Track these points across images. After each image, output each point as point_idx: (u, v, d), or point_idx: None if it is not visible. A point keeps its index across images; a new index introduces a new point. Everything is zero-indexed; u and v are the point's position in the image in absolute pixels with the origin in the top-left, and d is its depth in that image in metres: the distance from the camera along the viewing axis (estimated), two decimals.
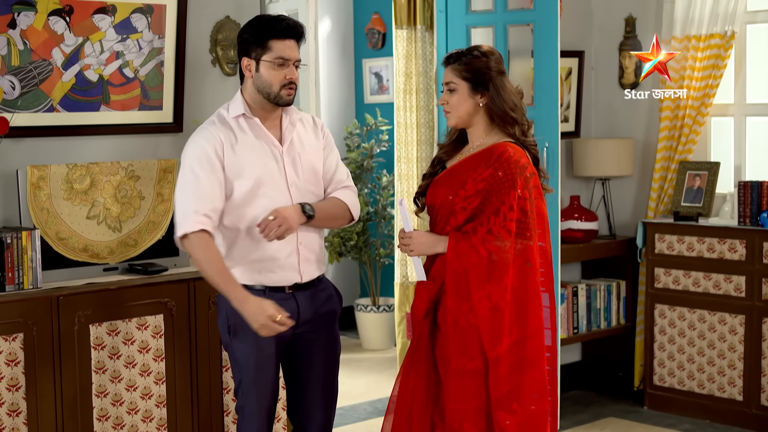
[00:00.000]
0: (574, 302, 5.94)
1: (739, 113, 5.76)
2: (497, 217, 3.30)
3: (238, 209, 3.45)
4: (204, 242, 3.35)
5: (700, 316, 5.58)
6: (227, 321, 3.50)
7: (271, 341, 3.46)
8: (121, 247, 4.26)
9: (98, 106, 4.35)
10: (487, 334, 3.30)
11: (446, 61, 3.47)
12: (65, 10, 4.19)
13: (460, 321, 3.33)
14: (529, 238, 3.33)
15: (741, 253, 5.37)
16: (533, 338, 3.34)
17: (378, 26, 7.60)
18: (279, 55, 3.40)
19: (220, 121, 3.48)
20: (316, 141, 3.61)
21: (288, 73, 3.41)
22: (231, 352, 3.55)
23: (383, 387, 6.25)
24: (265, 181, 3.44)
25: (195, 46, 4.65)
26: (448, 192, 3.41)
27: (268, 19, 3.45)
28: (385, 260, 7.22)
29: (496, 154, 3.35)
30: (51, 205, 4.07)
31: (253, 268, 3.47)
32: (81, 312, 3.89)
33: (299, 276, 3.52)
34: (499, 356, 3.29)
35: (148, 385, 4.07)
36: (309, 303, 3.55)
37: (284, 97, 3.45)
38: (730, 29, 5.54)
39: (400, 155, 6.06)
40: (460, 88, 3.42)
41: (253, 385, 3.50)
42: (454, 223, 3.40)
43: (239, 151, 3.44)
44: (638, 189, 6.20)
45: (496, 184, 3.32)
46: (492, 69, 3.41)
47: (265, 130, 3.48)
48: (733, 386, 5.46)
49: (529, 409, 3.33)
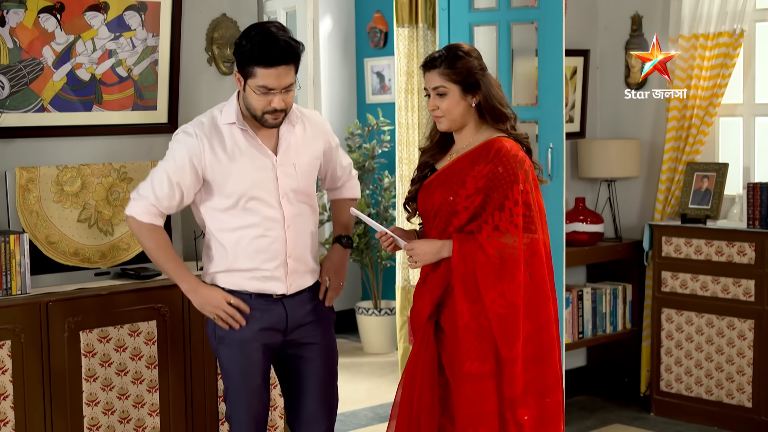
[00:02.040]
0: (579, 306, 5.90)
1: (748, 113, 5.71)
2: (503, 213, 3.26)
3: (219, 220, 3.40)
4: (150, 231, 3.39)
5: (708, 320, 5.52)
6: (214, 326, 3.44)
7: (258, 347, 3.41)
8: (113, 251, 4.19)
9: (90, 106, 4.29)
10: (504, 334, 3.26)
11: (429, 66, 3.39)
12: (56, 7, 4.13)
13: (471, 324, 3.27)
14: (534, 231, 3.31)
15: (750, 256, 5.32)
16: (545, 331, 3.33)
17: (380, 25, 7.57)
18: (263, 83, 3.24)
19: (210, 124, 3.38)
20: (315, 142, 3.51)
21: (273, 101, 3.27)
22: (219, 358, 3.50)
23: (384, 392, 6.20)
24: (253, 196, 3.36)
25: (190, 44, 4.60)
26: (447, 193, 3.35)
27: (258, 41, 3.21)
28: (386, 263, 7.18)
29: (494, 150, 3.31)
30: (40, 207, 4.00)
31: (240, 276, 3.41)
32: (71, 318, 3.82)
33: (285, 288, 3.45)
34: (517, 355, 3.27)
35: (140, 393, 3.99)
36: (298, 309, 3.47)
37: (269, 121, 3.32)
38: (738, 27, 5.49)
39: (402, 156, 6.02)
40: (451, 92, 3.36)
41: (240, 391, 3.44)
42: (457, 224, 3.34)
43: (225, 162, 3.35)
44: (645, 191, 6.16)
45: (496, 180, 3.28)
46: (480, 67, 3.38)
47: (257, 140, 3.37)
48: (742, 392, 5.41)
49: (543, 402, 3.33)
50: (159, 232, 3.40)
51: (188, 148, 3.35)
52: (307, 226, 3.48)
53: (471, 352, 3.27)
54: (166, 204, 3.38)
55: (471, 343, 3.27)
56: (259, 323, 3.40)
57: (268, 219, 3.37)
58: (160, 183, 3.36)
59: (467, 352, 3.27)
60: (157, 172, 3.39)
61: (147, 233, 3.39)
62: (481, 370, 3.27)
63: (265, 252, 3.38)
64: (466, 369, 3.28)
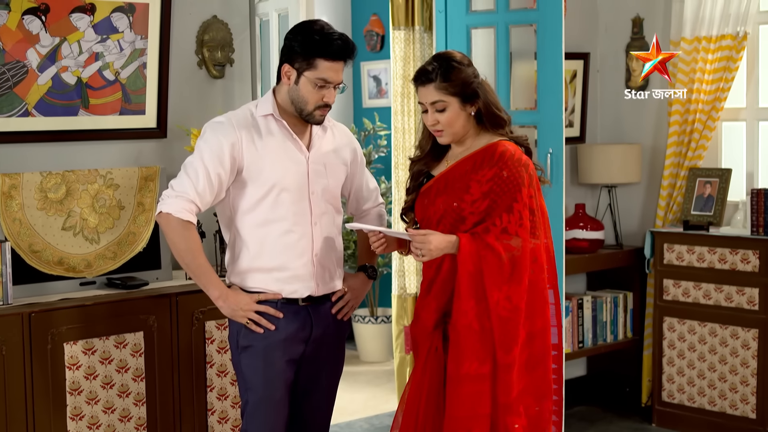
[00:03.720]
0: (579, 315, 5.87)
1: (751, 117, 5.67)
2: (511, 215, 3.22)
3: (249, 213, 3.35)
4: (186, 230, 3.27)
5: (711, 329, 5.48)
6: (237, 336, 3.39)
7: (282, 356, 3.36)
8: (99, 260, 4.10)
9: (76, 110, 4.22)
10: (504, 337, 3.21)
11: (423, 80, 3.30)
12: (41, 8, 4.05)
13: (473, 324, 3.21)
14: (537, 237, 3.28)
15: (754, 264, 5.27)
16: (540, 338, 3.29)
17: (377, 28, 7.57)
18: (323, 76, 3.28)
19: (245, 116, 3.37)
20: (343, 151, 3.52)
21: (326, 95, 3.32)
22: (239, 371, 3.43)
23: (381, 402, 6.13)
24: (284, 188, 3.34)
25: (180, 47, 4.54)
26: (451, 199, 3.29)
27: (320, 33, 3.28)
28: (383, 270, 7.10)
29: (497, 154, 3.26)
30: (24, 215, 3.92)
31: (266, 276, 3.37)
32: (54, 330, 3.74)
33: (312, 289, 3.41)
34: (514, 360, 3.22)
35: (127, 407, 3.91)
36: (322, 318, 3.45)
37: (316, 117, 3.36)
38: (742, 30, 5.45)
39: (398, 161, 6.01)
40: (450, 105, 3.29)
41: (261, 404, 3.37)
42: (464, 229, 3.28)
43: (261, 151, 3.33)
44: (646, 197, 6.12)
45: (502, 184, 3.24)
46: (474, 75, 3.32)
47: (292, 133, 3.38)
48: (745, 403, 5.36)
49: (533, 410, 3.29)
50: (193, 232, 3.29)
51: (225, 135, 3.30)
52: (333, 227, 3.48)
53: (471, 352, 3.20)
54: (208, 198, 3.29)
55: (472, 343, 3.21)
56: (285, 332, 3.36)
57: (297, 214, 3.36)
58: (196, 175, 3.27)
59: (467, 352, 3.21)
60: (191, 165, 3.29)
61: (182, 231, 3.26)
62: (479, 371, 3.21)
63: (292, 249, 3.36)
64: (465, 369, 3.21)
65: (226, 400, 4.14)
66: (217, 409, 4.12)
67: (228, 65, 4.67)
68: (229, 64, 4.67)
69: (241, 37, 4.72)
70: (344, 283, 3.56)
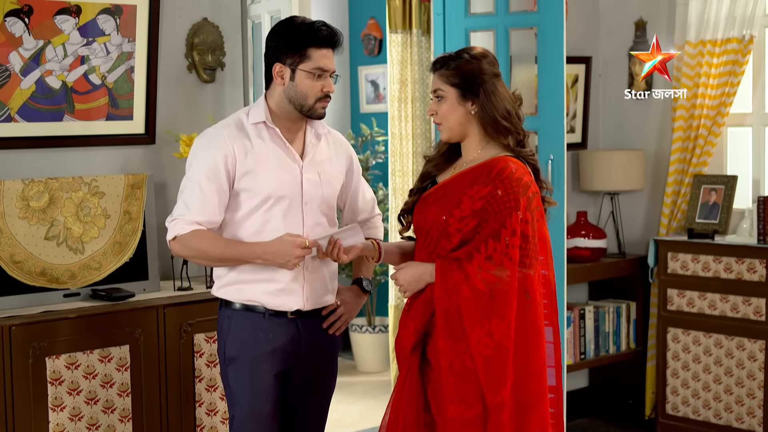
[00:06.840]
0: (581, 325, 5.83)
1: (757, 123, 5.63)
2: (498, 243, 3.00)
3: (241, 224, 3.27)
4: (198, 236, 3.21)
5: (716, 340, 5.42)
6: (224, 347, 3.31)
7: (270, 370, 3.28)
8: (84, 270, 4.03)
9: (61, 115, 4.15)
10: (490, 377, 2.99)
11: (433, 67, 3.21)
12: (24, 10, 3.99)
13: (454, 364, 3.02)
14: (529, 267, 3.04)
15: (761, 273, 5.22)
16: (535, 379, 3.05)
17: (374, 32, 7.53)
18: (318, 65, 3.25)
19: (236, 125, 3.30)
20: (338, 160, 3.44)
21: (325, 86, 3.29)
22: (226, 383, 3.35)
23: (377, 414, 6.04)
24: (278, 197, 3.26)
25: (169, 50, 4.48)
26: (441, 211, 3.11)
27: (305, 25, 3.27)
28: (380, 278, 7.03)
29: (496, 170, 3.06)
30: (5, 224, 3.84)
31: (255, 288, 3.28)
32: (36, 343, 3.67)
33: (301, 303, 3.32)
34: (503, 402, 3.00)
35: (112, 423, 3.83)
36: (312, 331, 3.36)
37: (318, 110, 3.30)
38: (748, 33, 5.41)
39: (395, 168, 5.96)
40: (448, 96, 3.15)
41: (248, 419, 3.28)
42: (448, 247, 3.09)
43: (254, 160, 3.25)
44: (650, 204, 6.09)
45: (495, 204, 3.03)
46: (485, 72, 3.13)
47: (285, 141, 3.30)
48: (752, 416, 5.30)
49: None
50: (204, 232, 3.22)
51: (217, 149, 3.23)
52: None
53: (454, 395, 3.02)
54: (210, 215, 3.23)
55: (455, 385, 3.01)
56: (272, 344, 3.28)
57: (288, 225, 3.27)
58: (191, 194, 3.22)
59: (450, 395, 3.02)
60: (186, 188, 3.25)
61: (198, 240, 3.20)
62: (465, 416, 3.01)
63: None
64: (450, 414, 3.02)
65: (216, 415, 4.04)
66: (207, 425, 4.03)
67: (219, 69, 4.59)
68: (220, 68, 4.59)
69: (233, 40, 4.65)
70: (338, 296, 3.47)
